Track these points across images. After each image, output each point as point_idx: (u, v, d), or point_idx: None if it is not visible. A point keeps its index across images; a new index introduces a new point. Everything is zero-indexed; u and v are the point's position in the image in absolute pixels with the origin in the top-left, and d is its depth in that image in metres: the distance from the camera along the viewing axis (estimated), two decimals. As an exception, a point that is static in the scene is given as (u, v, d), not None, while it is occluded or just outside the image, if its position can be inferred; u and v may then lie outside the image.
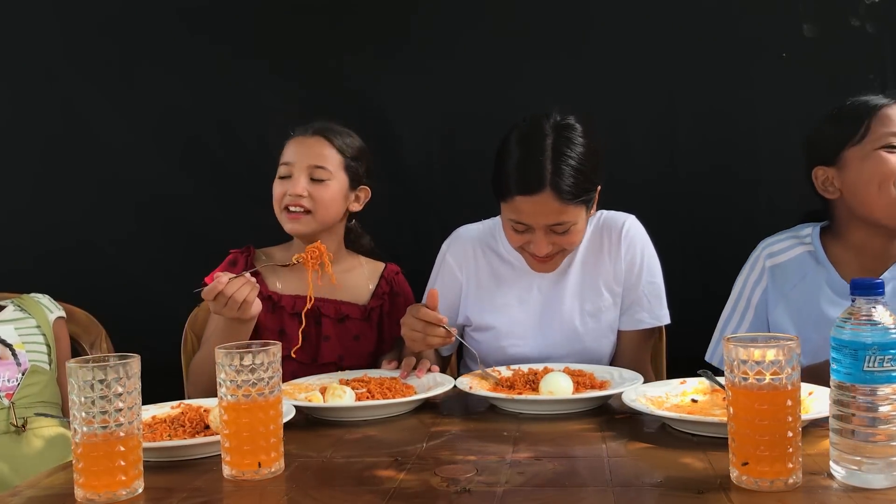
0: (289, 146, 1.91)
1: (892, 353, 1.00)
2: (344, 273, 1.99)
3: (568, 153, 1.64)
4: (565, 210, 1.65)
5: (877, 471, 1.01)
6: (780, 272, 1.69)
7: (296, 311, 1.89)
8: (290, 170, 1.88)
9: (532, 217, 1.68)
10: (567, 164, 1.64)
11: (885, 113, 1.58)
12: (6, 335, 1.76)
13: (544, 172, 1.63)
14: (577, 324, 1.83)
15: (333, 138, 1.91)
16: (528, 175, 1.64)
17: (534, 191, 1.64)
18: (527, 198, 1.65)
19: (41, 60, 2.36)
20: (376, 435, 1.40)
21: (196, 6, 2.35)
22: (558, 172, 1.63)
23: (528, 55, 2.27)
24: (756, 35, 2.18)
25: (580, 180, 1.65)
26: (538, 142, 1.66)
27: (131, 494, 1.10)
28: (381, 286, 2.01)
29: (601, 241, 1.85)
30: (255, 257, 1.98)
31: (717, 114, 2.09)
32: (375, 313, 1.97)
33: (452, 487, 1.10)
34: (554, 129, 1.67)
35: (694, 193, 2.22)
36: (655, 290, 1.84)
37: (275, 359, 1.18)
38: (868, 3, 2.12)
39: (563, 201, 1.64)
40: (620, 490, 1.07)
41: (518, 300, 1.85)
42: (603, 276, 1.83)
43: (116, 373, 1.09)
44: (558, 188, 1.63)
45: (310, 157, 1.87)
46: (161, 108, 2.36)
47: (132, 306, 2.26)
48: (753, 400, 1.03)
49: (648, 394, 1.46)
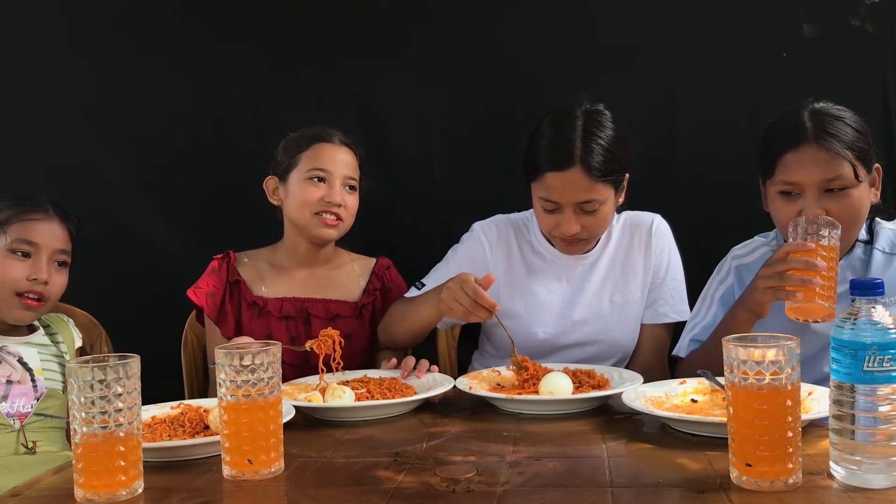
0: (317, 151, 1.90)
1: (891, 353, 1.01)
2: (334, 270, 2.00)
3: (598, 133, 1.70)
4: (594, 187, 1.69)
5: (876, 471, 1.01)
6: (746, 270, 1.75)
7: (283, 315, 1.90)
8: (326, 176, 1.88)
9: (562, 194, 1.71)
10: (597, 143, 1.68)
11: (785, 160, 1.57)
12: (30, 358, 1.74)
13: (574, 149, 1.68)
14: (605, 313, 1.87)
15: (356, 151, 1.95)
16: (559, 151, 1.69)
17: (564, 166, 1.68)
18: (557, 174, 1.69)
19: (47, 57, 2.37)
20: (376, 435, 1.40)
21: (196, 6, 2.35)
22: (588, 149, 1.68)
23: (529, 56, 2.26)
24: (756, 35, 2.17)
25: (609, 159, 1.69)
26: (569, 122, 1.71)
27: (131, 494, 1.10)
28: (373, 282, 2.01)
29: (631, 237, 1.90)
30: (237, 261, 1.97)
31: (717, 114, 2.09)
32: (367, 310, 1.97)
33: (452, 487, 1.10)
34: (585, 113, 1.73)
35: (695, 193, 2.22)
36: (679, 287, 1.91)
37: (275, 359, 1.18)
38: (868, 3, 2.12)
39: (593, 178, 1.68)
40: (620, 490, 1.07)
41: (547, 289, 1.89)
42: (633, 270, 1.88)
43: (116, 373, 1.09)
44: (588, 164, 1.67)
45: (346, 167, 1.91)
46: (159, 107, 2.36)
47: (132, 306, 2.26)
48: (753, 400, 1.03)
49: (648, 394, 1.46)
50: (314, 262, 1.98)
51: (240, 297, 1.92)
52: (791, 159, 1.56)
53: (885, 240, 1.66)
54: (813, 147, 1.55)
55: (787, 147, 1.57)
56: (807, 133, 1.56)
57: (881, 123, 2.14)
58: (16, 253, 1.72)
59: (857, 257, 1.67)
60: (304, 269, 1.97)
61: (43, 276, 1.72)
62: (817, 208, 1.54)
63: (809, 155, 1.55)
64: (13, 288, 1.71)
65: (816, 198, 1.55)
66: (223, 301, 1.91)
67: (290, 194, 1.91)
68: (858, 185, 1.56)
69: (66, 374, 1.09)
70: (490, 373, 1.71)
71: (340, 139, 1.94)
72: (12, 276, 1.70)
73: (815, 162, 1.54)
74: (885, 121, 2.15)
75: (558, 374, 1.57)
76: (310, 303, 1.92)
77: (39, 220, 1.76)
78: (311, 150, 1.91)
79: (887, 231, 1.68)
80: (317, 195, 1.87)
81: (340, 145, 1.93)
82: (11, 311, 1.72)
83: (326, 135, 1.93)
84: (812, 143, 1.55)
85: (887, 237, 1.67)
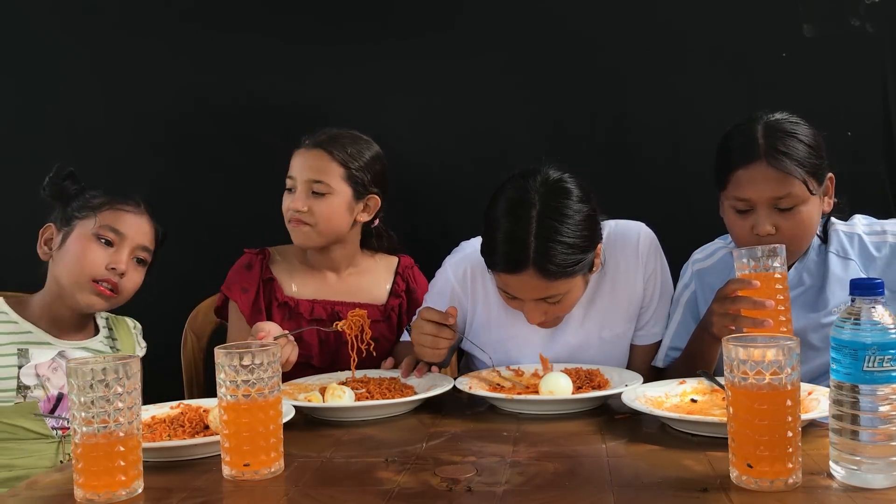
0: (293, 158, 1.90)
1: (891, 353, 1.01)
2: (360, 275, 1.98)
3: (556, 226, 1.53)
4: (552, 286, 1.56)
5: (877, 470, 1.01)
6: (706, 274, 1.79)
7: (313, 318, 1.89)
8: (293, 183, 1.87)
9: (518, 291, 1.60)
10: (553, 241, 1.52)
11: (737, 176, 1.59)
12: None
13: (528, 251, 1.52)
14: (593, 348, 1.77)
15: (335, 151, 1.86)
16: (512, 253, 1.55)
17: (517, 270, 1.55)
18: (511, 276, 1.57)
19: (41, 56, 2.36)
20: (376, 435, 1.40)
21: (196, 8, 2.35)
22: (542, 251, 1.52)
23: (530, 55, 2.26)
24: (756, 35, 2.17)
25: (569, 254, 1.54)
26: (524, 213, 1.54)
27: (131, 494, 1.10)
28: (398, 283, 1.99)
29: (616, 261, 1.76)
30: (271, 259, 1.96)
31: (717, 113, 2.08)
32: (394, 313, 1.96)
33: (452, 487, 1.10)
34: (542, 197, 1.55)
35: (695, 193, 2.21)
36: (669, 301, 1.82)
37: (274, 359, 1.18)
38: (868, 3, 2.12)
39: (549, 279, 1.55)
40: (620, 490, 1.07)
41: (529, 330, 1.75)
42: (623, 303, 1.77)
43: (116, 373, 1.09)
44: (542, 268, 1.53)
45: (309, 171, 1.86)
46: (162, 105, 2.36)
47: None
48: (753, 400, 1.03)
49: (648, 394, 1.46)
50: (336, 266, 1.96)
51: (271, 296, 1.90)
52: (743, 176, 1.59)
53: (837, 243, 1.69)
54: (763, 165, 1.57)
55: (739, 163, 1.60)
56: (758, 151, 1.58)
57: (881, 123, 2.14)
58: (100, 239, 1.71)
59: (811, 260, 1.70)
60: (333, 272, 1.96)
61: (122, 266, 1.71)
62: (767, 224, 1.58)
63: (760, 172, 1.57)
64: (91, 273, 1.69)
65: (767, 214, 1.58)
66: (256, 298, 1.89)
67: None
68: (809, 201, 1.59)
69: (67, 374, 1.09)
70: (490, 373, 1.71)
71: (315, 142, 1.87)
72: (92, 259, 1.69)
73: (766, 180, 1.57)
74: (885, 121, 2.15)
75: (558, 374, 1.57)
76: (340, 306, 1.91)
77: (129, 211, 1.76)
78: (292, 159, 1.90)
79: (840, 234, 1.70)
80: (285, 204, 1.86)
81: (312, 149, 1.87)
82: (83, 295, 1.70)
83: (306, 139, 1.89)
84: (762, 161, 1.57)
85: (839, 240, 1.70)
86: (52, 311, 1.74)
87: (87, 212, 1.73)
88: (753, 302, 1.46)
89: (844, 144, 2.06)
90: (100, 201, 1.74)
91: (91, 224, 1.72)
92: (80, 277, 1.70)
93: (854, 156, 2.10)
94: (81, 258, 1.70)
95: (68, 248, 1.72)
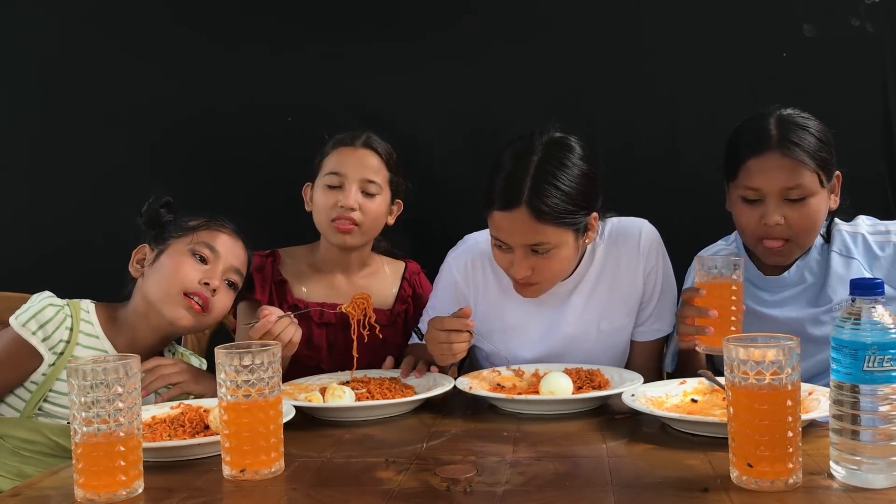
0: (336, 156, 1.87)
1: (891, 353, 1.01)
2: (369, 277, 1.97)
3: (553, 171, 1.57)
4: (542, 230, 1.57)
5: (877, 470, 1.01)
6: None
7: (323, 321, 1.87)
8: (341, 180, 1.84)
9: (509, 235, 1.60)
10: (549, 183, 1.56)
11: (748, 166, 1.60)
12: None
13: (523, 188, 1.55)
14: (591, 338, 1.77)
15: (382, 152, 1.88)
16: (507, 190, 1.58)
17: (509, 207, 1.57)
18: (503, 213, 1.58)
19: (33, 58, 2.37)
20: (376, 435, 1.40)
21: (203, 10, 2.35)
22: (537, 189, 1.55)
23: (529, 55, 2.26)
24: (756, 35, 2.17)
25: (562, 200, 1.56)
26: (525, 158, 1.59)
27: (131, 494, 1.10)
28: (404, 288, 1.98)
29: (617, 255, 1.77)
30: (281, 262, 1.94)
31: (717, 113, 2.09)
32: (401, 318, 1.95)
33: (452, 487, 1.10)
34: (545, 146, 1.60)
35: (695, 193, 2.21)
36: (671, 298, 1.80)
37: (275, 359, 1.18)
38: (868, 3, 2.12)
39: (540, 220, 1.56)
40: (621, 490, 1.07)
41: (526, 315, 1.78)
42: (621, 293, 1.77)
43: (116, 373, 1.09)
44: (534, 206, 1.55)
45: (362, 169, 1.84)
46: (161, 106, 2.36)
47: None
48: (754, 400, 1.03)
49: (648, 394, 1.46)
50: (349, 267, 1.95)
51: (282, 298, 1.89)
52: (754, 165, 1.60)
53: (840, 242, 1.70)
54: (776, 154, 1.58)
55: (751, 153, 1.61)
56: (771, 140, 1.59)
57: (881, 123, 2.15)
58: (195, 255, 1.68)
59: (813, 259, 1.70)
60: (342, 275, 1.95)
61: (215, 282, 1.68)
62: (777, 214, 1.59)
63: (772, 162, 1.58)
64: (183, 285, 1.65)
65: (776, 205, 1.59)
66: (269, 300, 1.87)
67: (313, 201, 1.89)
68: (818, 194, 1.60)
69: (67, 374, 1.09)
70: (490, 373, 1.71)
71: (363, 141, 1.88)
72: (186, 273, 1.66)
73: (778, 169, 1.58)
74: (885, 121, 2.15)
75: (558, 374, 1.57)
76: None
77: (226, 233, 1.74)
78: (332, 156, 1.88)
79: (844, 233, 1.71)
80: (330, 201, 1.84)
81: (360, 148, 1.87)
82: (173, 308, 1.65)
83: (350, 137, 1.88)
84: (775, 151, 1.58)
85: (843, 239, 1.70)
86: (134, 331, 1.69)
87: (182, 232, 1.71)
88: (697, 310, 1.51)
89: (845, 144, 2.06)
90: (196, 223, 1.73)
91: (187, 242, 1.69)
92: (171, 289, 1.65)
93: (854, 156, 2.09)
94: (175, 271, 1.66)
95: (162, 263, 1.69)
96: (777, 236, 1.60)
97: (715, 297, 1.52)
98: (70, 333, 1.63)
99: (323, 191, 1.86)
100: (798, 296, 1.68)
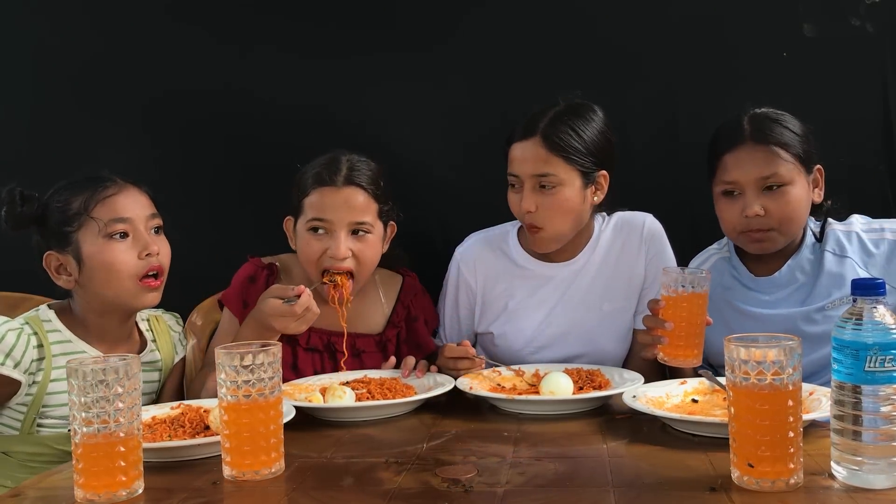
0: (318, 197, 1.72)
1: (892, 354, 1.01)
2: (360, 300, 1.83)
3: (572, 118, 1.72)
4: (552, 161, 1.70)
5: (878, 471, 1.01)
6: None
7: (310, 347, 1.79)
8: (327, 227, 1.71)
9: (521, 164, 1.73)
10: (565, 123, 1.71)
11: (724, 161, 1.66)
12: None
13: (540, 122, 1.72)
14: (593, 322, 1.83)
15: (367, 185, 1.73)
16: (527, 123, 1.74)
17: (525, 136, 1.72)
18: (518, 144, 1.73)
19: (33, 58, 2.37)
20: (376, 435, 1.40)
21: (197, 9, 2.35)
22: (553, 124, 1.71)
23: (529, 55, 2.26)
24: (756, 35, 2.17)
25: (575, 139, 1.70)
26: (549, 107, 1.75)
27: (131, 495, 1.10)
28: (398, 312, 1.86)
29: (622, 241, 1.86)
30: (277, 278, 1.84)
31: (717, 113, 2.09)
32: (391, 344, 1.84)
33: (453, 488, 1.10)
34: (569, 103, 1.76)
35: (695, 193, 2.21)
36: None
37: (275, 359, 1.18)
38: (868, 3, 2.12)
39: (551, 150, 1.69)
40: (621, 490, 1.07)
41: (532, 301, 1.85)
42: (623, 277, 1.85)
43: (116, 373, 1.09)
44: (547, 136, 1.70)
45: (350, 212, 1.70)
46: (163, 107, 2.36)
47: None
48: (755, 400, 1.03)
49: (649, 394, 1.46)
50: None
51: None
52: (729, 159, 1.66)
53: (833, 241, 1.71)
54: (749, 145, 1.64)
55: (726, 148, 1.67)
56: (744, 134, 1.65)
57: (881, 123, 2.14)
58: (114, 236, 1.56)
59: (804, 258, 1.71)
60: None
61: (152, 247, 1.58)
62: (756, 205, 1.62)
63: (746, 153, 1.64)
64: (131, 275, 1.56)
65: (755, 196, 1.63)
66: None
67: (298, 244, 1.78)
68: (796, 184, 1.63)
69: (66, 374, 1.09)
70: (490, 373, 1.71)
71: (345, 177, 1.72)
72: (125, 262, 1.56)
73: (752, 160, 1.63)
74: (884, 120, 2.15)
75: (559, 374, 1.57)
76: (336, 338, 1.79)
77: (113, 191, 1.59)
78: (312, 196, 1.73)
79: (837, 233, 1.72)
80: (317, 249, 1.71)
81: (343, 187, 1.71)
82: (136, 297, 1.58)
83: (329, 174, 1.72)
84: (748, 142, 1.64)
85: (836, 238, 1.71)
86: (102, 323, 1.62)
87: (77, 220, 1.56)
88: (654, 320, 1.55)
89: (845, 144, 2.06)
90: (80, 202, 1.56)
91: (94, 228, 1.56)
92: (122, 283, 1.56)
93: (854, 155, 2.10)
94: (117, 267, 1.55)
95: (93, 266, 1.56)
96: (758, 228, 1.63)
97: (676, 309, 1.52)
98: (39, 350, 1.53)
99: (308, 236, 1.73)
100: (790, 296, 1.69)
